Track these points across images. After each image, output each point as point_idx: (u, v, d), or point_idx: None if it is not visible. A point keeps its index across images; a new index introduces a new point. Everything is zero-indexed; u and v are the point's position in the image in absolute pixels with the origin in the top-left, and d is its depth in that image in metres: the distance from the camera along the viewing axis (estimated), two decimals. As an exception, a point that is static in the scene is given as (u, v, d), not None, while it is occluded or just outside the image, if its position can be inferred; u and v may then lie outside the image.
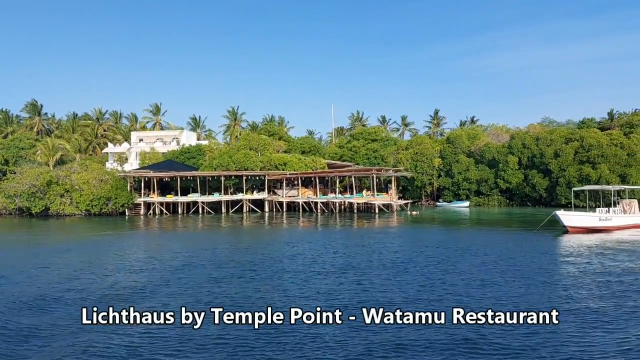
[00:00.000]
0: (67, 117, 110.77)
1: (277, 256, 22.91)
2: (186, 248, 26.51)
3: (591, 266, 19.38)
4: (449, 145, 71.61)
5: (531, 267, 19.22)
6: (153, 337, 10.91)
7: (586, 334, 10.92)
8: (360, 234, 33.39)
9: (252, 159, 60.49)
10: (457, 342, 10.46)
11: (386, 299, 14.08)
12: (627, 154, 57.44)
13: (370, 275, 17.78)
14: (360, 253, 23.73)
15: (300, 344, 10.41)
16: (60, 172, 57.09)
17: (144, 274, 18.50)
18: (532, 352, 9.82)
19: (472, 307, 12.90)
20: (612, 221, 32.50)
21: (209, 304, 13.60)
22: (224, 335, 10.95)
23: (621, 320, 11.89)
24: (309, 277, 17.63)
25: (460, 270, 18.68)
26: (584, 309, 12.96)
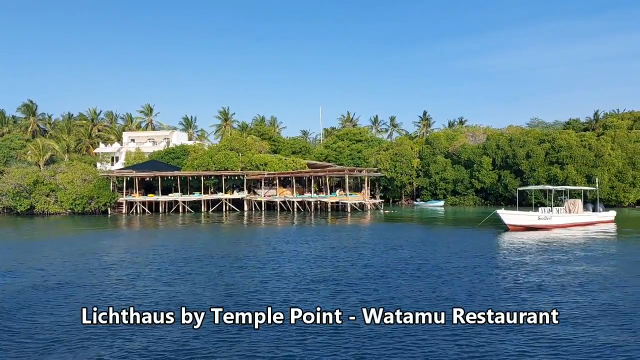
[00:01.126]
0: (62, 118, 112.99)
1: (239, 251, 24.76)
2: (159, 245, 28.37)
3: (511, 260, 21.08)
4: (427, 146, 73.33)
5: (450, 261, 20.94)
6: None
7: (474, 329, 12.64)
8: (317, 231, 35.18)
9: (232, 159, 62.33)
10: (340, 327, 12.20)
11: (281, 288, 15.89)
12: (594, 155, 58.97)
13: (298, 264, 19.59)
14: (297, 247, 25.55)
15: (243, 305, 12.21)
16: (45, 172, 58.99)
17: (111, 271, 20.34)
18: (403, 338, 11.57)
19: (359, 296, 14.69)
20: (551, 220, 34.17)
21: (173, 299, 15.42)
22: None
23: (506, 305, 13.61)
24: (268, 266, 19.47)
25: (370, 264, 20.42)
26: (472, 300, 14.68)
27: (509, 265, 19.87)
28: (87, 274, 18.79)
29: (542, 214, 34.24)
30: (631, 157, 59.49)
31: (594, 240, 27.98)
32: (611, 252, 23.48)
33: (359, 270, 18.96)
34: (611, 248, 25.10)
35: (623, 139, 60.96)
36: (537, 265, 19.76)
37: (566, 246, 25.61)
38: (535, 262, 20.56)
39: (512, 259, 21.64)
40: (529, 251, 23.94)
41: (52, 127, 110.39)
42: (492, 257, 22.28)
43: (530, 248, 24.99)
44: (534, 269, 18.96)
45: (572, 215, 35.89)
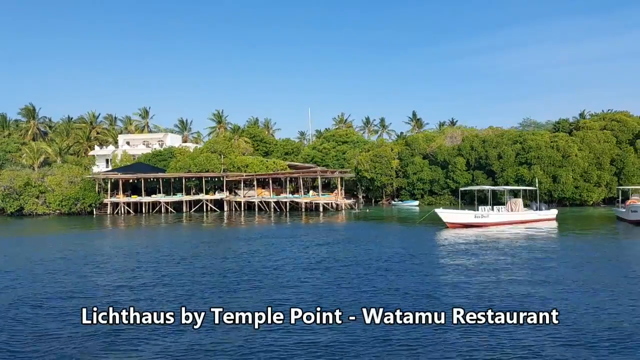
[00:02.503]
0: (62, 121, 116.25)
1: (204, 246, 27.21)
2: (133, 244, 30.92)
3: (437, 253, 23.28)
4: (406, 147, 75.41)
5: (381, 254, 23.19)
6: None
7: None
8: (283, 229, 37.53)
9: (213, 161, 64.86)
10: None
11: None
12: (562, 156, 60.76)
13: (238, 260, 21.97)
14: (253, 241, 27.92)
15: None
16: (33, 175, 61.85)
17: (84, 268, 22.84)
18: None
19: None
20: (488, 218, 36.25)
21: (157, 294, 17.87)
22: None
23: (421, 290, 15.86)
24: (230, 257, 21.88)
25: (295, 257, 22.73)
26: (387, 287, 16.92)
27: (431, 257, 22.06)
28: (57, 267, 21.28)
29: (478, 213, 36.34)
30: (598, 158, 61.24)
31: (522, 235, 30.28)
32: (530, 245, 25.74)
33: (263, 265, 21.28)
34: (535, 242, 27.40)
35: (592, 140, 62.68)
36: (455, 257, 21.96)
37: (492, 240, 28.06)
38: (456, 255, 22.76)
39: (438, 252, 23.82)
40: (455, 245, 26.29)
41: (52, 130, 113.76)
42: (419, 250, 24.46)
43: (458, 242, 27.35)
44: (451, 260, 21.16)
45: (509, 214, 37.93)
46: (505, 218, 37.26)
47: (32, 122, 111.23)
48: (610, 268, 19.00)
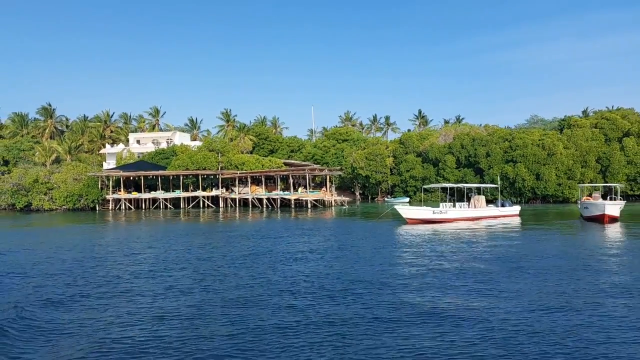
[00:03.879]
0: (78, 120, 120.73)
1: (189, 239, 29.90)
2: (128, 237, 33.83)
3: (391, 246, 25.43)
4: (400, 145, 77.25)
5: (338, 246, 25.47)
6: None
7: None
8: (255, 223, 40.04)
9: (210, 159, 67.65)
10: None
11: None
12: (547, 154, 61.97)
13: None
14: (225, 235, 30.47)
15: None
16: (40, 172, 65.48)
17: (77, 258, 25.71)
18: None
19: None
20: (447, 214, 38.14)
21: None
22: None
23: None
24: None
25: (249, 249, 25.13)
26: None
27: (383, 250, 24.24)
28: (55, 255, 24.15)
29: (437, 209, 38.26)
30: (584, 156, 62.29)
31: (473, 230, 32.25)
32: (474, 238, 27.71)
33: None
34: (482, 235, 29.40)
35: (579, 138, 63.73)
36: (394, 248, 24.13)
37: (440, 233, 30.43)
38: (395, 246, 24.87)
39: (391, 244, 25.93)
40: (408, 238, 28.55)
41: (68, 128, 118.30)
42: (356, 242, 26.65)
43: (412, 236, 29.51)
44: (401, 252, 23.33)
45: (469, 210, 39.73)
46: (465, 214, 39.08)
47: (49, 121, 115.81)
48: (536, 260, 20.57)
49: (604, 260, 20.35)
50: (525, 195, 62.26)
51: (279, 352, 10.02)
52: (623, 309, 12.75)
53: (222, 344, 10.53)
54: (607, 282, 15.98)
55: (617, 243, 25.75)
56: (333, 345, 10.38)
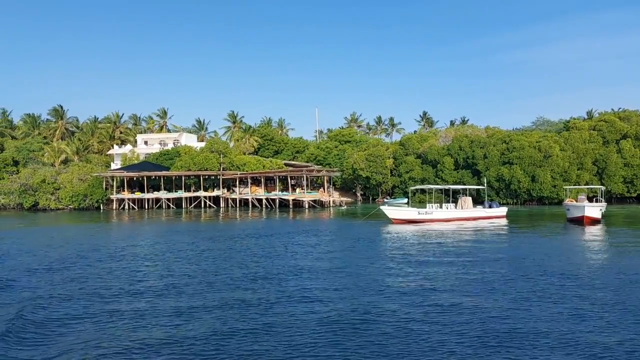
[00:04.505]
0: (88, 121, 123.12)
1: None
2: (126, 234, 35.29)
3: (375, 244, 26.55)
4: (400, 147, 78.06)
5: (322, 244, 26.65)
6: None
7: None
8: (250, 222, 41.31)
9: (211, 160, 69.07)
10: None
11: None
12: (543, 156, 62.44)
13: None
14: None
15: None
16: (47, 173, 67.33)
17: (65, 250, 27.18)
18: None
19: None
20: (432, 215, 39.04)
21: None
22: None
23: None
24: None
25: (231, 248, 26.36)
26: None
27: (359, 246, 25.36)
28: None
29: (422, 210, 39.20)
30: (581, 158, 62.67)
31: (456, 230, 33.22)
32: (455, 238, 28.69)
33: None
34: (463, 235, 30.44)
35: (575, 140, 64.12)
36: (386, 246, 25.23)
37: (423, 233, 31.66)
38: (388, 244, 25.99)
39: (368, 242, 27.05)
40: (390, 237, 29.89)
41: (79, 129, 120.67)
42: (354, 240, 27.77)
43: (390, 235, 30.79)
44: (382, 248, 24.46)
45: (455, 211, 40.58)
46: (450, 215, 39.95)
47: (59, 122, 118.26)
48: (495, 258, 21.57)
49: (562, 260, 21.21)
50: (521, 196, 62.79)
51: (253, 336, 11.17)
52: (551, 305, 13.72)
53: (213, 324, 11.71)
54: (543, 280, 16.92)
55: (585, 244, 26.56)
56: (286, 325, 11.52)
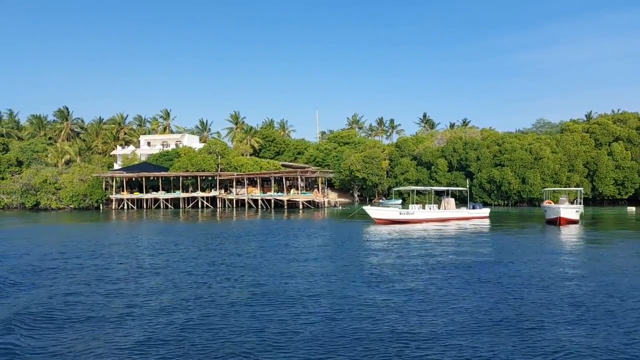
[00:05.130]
0: (93, 122, 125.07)
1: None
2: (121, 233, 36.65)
3: (354, 242, 27.65)
4: (396, 149, 79.07)
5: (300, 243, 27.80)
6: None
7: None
8: (240, 222, 42.53)
9: (209, 161, 70.38)
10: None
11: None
12: (534, 158, 63.20)
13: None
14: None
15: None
16: (47, 173, 68.89)
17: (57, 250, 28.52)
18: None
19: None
20: (414, 215, 40.04)
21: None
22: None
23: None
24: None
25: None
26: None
27: (339, 244, 26.47)
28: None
29: (404, 210, 40.24)
30: (572, 160, 63.39)
31: (434, 230, 34.26)
32: (428, 237, 29.77)
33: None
34: (441, 235, 31.51)
35: (567, 143, 64.84)
36: (366, 244, 26.33)
37: (402, 232, 32.84)
38: (368, 243, 27.10)
39: (353, 240, 28.14)
40: (366, 236, 31.22)
41: (84, 130, 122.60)
42: (335, 239, 28.88)
43: (372, 234, 31.97)
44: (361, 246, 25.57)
45: (436, 211, 41.60)
46: (432, 215, 40.95)
47: (65, 123, 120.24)
48: (463, 256, 22.59)
49: (520, 258, 22.17)
50: (512, 198, 63.58)
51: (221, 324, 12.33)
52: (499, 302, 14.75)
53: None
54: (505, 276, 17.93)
55: (550, 244, 27.49)
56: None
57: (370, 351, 10.31)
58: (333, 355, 10.11)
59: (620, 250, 24.67)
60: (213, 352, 10.35)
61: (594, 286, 16.16)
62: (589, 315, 12.74)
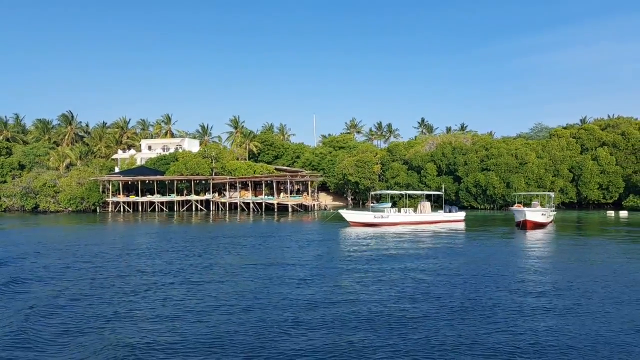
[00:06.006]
0: (97, 126, 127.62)
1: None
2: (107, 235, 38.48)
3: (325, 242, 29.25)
4: (388, 153, 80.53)
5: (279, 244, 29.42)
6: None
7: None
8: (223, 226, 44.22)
9: (202, 165, 72.22)
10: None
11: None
12: (519, 163, 64.40)
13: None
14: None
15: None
16: (47, 177, 71.03)
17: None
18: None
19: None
20: (388, 218, 41.50)
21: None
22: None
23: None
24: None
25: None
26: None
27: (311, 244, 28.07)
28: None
29: (377, 214, 41.72)
30: (557, 165, 64.54)
31: (407, 233, 35.66)
32: (392, 239, 31.27)
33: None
34: (411, 237, 33.01)
35: (552, 148, 66.00)
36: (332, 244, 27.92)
37: (373, 234, 34.31)
38: (335, 243, 28.66)
39: (321, 241, 29.74)
40: (339, 237, 32.75)
41: (88, 134, 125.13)
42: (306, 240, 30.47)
43: (345, 236, 33.50)
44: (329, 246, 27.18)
45: (411, 215, 43.04)
46: (406, 219, 42.38)
47: (69, 127, 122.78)
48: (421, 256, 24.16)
49: (473, 259, 23.63)
50: (497, 202, 64.79)
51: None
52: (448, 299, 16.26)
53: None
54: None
55: (509, 245, 28.87)
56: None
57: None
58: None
59: (568, 252, 26.03)
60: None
61: (508, 283, 17.59)
62: (488, 312, 14.19)
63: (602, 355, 10.32)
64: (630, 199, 61.91)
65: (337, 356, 10.35)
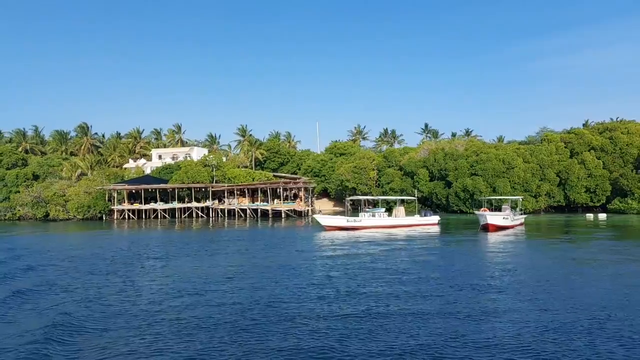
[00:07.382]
0: (112, 136, 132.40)
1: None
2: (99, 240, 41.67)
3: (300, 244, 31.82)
4: (384, 159, 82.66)
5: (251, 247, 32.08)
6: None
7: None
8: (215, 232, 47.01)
9: (203, 174, 75.30)
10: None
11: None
12: (506, 167, 65.94)
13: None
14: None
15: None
16: (57, 186, 74.88)
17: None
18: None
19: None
20: (361, 222, 43.77)
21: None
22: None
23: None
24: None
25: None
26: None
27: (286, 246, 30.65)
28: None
29: (351, 218, 44.04)
30: (543, 169, 65.95)
31: (379, 236, 37.91)
32: (362, 241, 33.64)
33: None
34: (377, 237, 35.45)
35: (540, 152, 67.42)
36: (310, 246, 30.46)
37: (346, 238, 36.77)
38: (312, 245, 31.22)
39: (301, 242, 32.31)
40: (320, 240, 35.33)
41: (103, 145, 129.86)
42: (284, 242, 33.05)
43: (322, 239, 36.13)
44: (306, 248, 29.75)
45: (384, 219, 45.26)
46: (380, 222, 44.60)
47: (85, 138, 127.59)
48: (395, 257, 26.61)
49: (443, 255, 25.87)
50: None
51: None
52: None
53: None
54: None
55: (470, 247, 30.98)
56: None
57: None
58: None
59: (521, 254, 28.15)
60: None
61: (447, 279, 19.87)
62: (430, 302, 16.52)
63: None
64: (615, 202, 63.02)
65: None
